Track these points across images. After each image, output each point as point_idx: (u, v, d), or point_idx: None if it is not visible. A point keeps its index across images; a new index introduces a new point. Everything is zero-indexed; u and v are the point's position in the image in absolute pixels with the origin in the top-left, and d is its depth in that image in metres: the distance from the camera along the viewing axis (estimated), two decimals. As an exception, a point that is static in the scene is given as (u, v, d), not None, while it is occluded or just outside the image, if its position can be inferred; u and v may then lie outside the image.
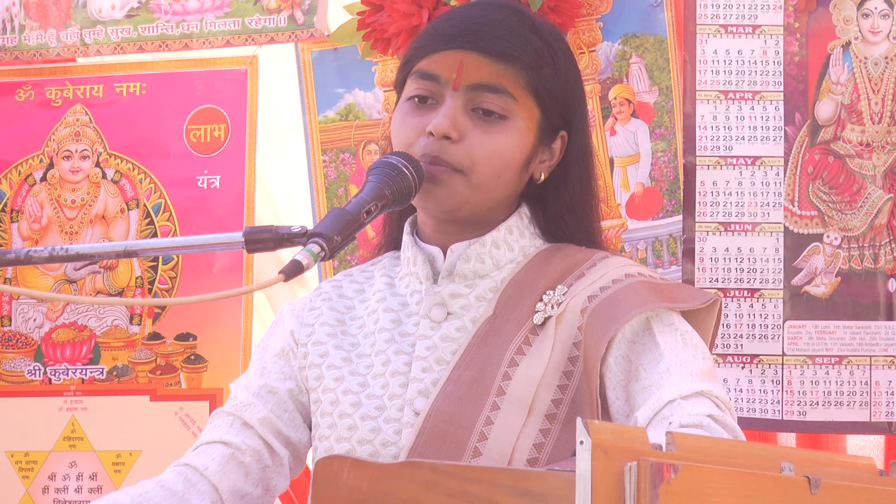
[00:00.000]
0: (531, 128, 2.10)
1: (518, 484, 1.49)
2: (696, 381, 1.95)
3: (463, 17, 2.12)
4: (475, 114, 2.08)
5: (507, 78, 2.07)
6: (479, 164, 2.06)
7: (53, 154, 3.73)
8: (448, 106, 2.07)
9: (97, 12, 3.70)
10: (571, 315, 2.04)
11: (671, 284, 2.11)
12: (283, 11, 3.56)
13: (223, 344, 3.59)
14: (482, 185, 2.08)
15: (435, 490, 1.55)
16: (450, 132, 2.06)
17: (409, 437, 2.04)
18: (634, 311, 2.00)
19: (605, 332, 2.00)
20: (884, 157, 3.15)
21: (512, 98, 2.07)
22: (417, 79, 2.10)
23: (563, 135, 2.15)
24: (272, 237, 1.93)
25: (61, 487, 3.64)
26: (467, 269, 2.11)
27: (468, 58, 2.07)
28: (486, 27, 2.09)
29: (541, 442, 2.01)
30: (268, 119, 3.70)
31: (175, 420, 3.59)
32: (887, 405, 3.11)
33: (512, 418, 2.01)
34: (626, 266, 2.10)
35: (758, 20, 3.19)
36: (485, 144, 2.07)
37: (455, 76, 2.07)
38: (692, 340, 2.02)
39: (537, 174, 2.14)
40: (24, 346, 3.71)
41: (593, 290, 2.05)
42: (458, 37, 2.08)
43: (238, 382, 2.24)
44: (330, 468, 1.65)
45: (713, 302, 2.08)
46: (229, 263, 3.60)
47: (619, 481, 1.43)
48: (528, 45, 2.08)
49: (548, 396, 2.03)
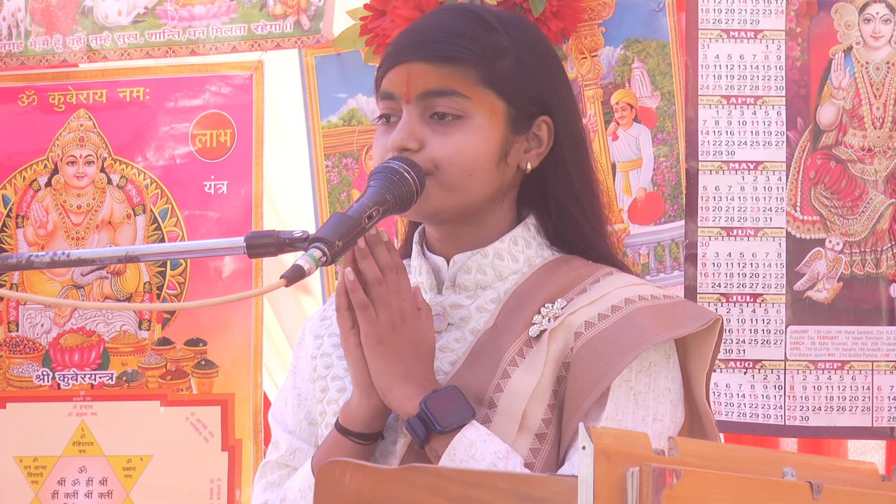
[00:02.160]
0: (496, 121, 2.10)
1: (519, 488, 1.50)
2: None
3: (412, 30, 2.15)
4: (433, 120, 2.09)
5: (454, 79, 2.08)
6: (443, 165, 2.07)
7: (58, 159, 3.73)
8: (403, 119, 2.09)
9: (103, 18, 3.70)
10: (566, 332, 2.04)
11: (673, 304, 2.11)
12: (289, 17, 3.56)
13: (233, 349, 3.59)
14: (454, 185, 2.08)
15: (436, 494, 1.55)
16: (406, 143, 2.07)
17: (403, 447, 2.05)
18: (627, 358, 2.00)
19: (594, 386, 2.00)
20: (885, 162, 3.15)
21: (463, 97, 2.08)
22: (381, 99, 2.13)
23: (546, 120, 2.14)
24: (274, 242, 1.94)
25: (71, 492, 3.64)
26: (468, 280, 2.12)
27: (414, 68, 2.09)
28: (430, 33, 2.11)
29: (530, 462, 2.01)
30: (271, 124, 3.71)
31: (186, 425, 3.60)
32: (889, 410, 3.11)
33: (502, 432, 2.01)
34: (629, 288, 2.09)
35: (759, 25, 3.19)
36: (444, 146, 2.07)
37: (405, 89, 2.09)
38: (644, 402, 2.04)
39: (524, 164, 2.14)
40: (31, 351, 3.71)
41: (591, 314, 2.05)
42: (403, 50, 2.11)
43: (278, 418, 2.23)
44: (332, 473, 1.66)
45: (714, 321, 2.09)
46: (239, 269, 3.60)
47: (621, 486, 1.44)
48: (474, 43, 2.09)
49: (539, 413, 2.02)
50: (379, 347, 2.01)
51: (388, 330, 2.01)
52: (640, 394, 2.03)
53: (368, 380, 2.03)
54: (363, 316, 2.01)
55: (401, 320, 2.01)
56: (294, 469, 2.18)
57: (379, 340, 2.01)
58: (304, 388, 2.21)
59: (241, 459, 3.55)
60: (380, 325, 2.01)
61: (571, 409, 2.01)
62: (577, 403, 2.01)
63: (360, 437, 2.05)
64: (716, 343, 2.10)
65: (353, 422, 2.05)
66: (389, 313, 2.01)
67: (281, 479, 2.19)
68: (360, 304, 2.00)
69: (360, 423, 2.05)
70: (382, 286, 2.00)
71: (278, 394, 2.28)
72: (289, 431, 2.20)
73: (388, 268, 2.01)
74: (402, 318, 2.01)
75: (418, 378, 2.01)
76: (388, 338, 2.01)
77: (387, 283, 2.00)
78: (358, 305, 2.01)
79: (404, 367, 2.01)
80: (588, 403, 2.00)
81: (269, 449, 2.23)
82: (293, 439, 2.19)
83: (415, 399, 2.00)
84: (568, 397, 2.02)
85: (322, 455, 2.08)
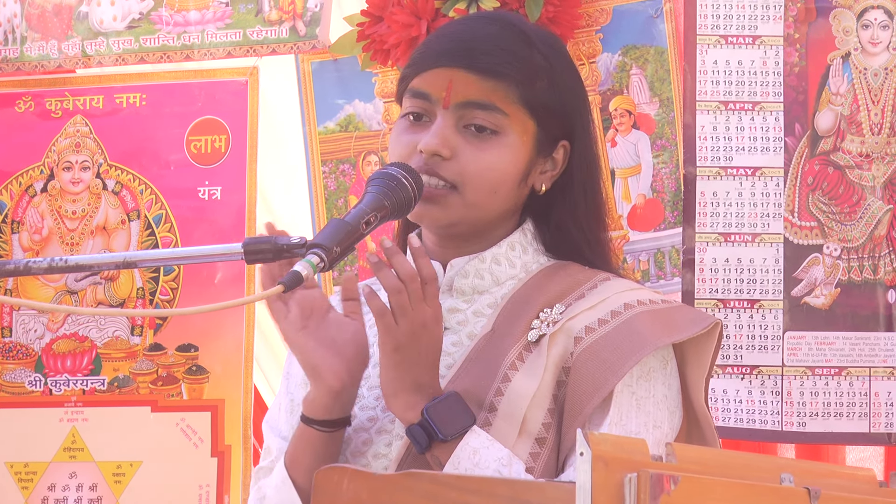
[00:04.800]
0: (526, 141, 2.10)
1: (517, 495, 1.50)
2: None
3: (454, 34, 2.12)
4: (467, 130, 2.08)
5: (497, 94, 2.07)
6: (471, 180, 2.07)
7: (54, 165, 3.73)
8: (438, 124, 2.08)
9: (99, 24, 3.70)
10: (566, 337, 2.04)
11: (672, 309, 2.11)
12: (285, 23, 3.56)
13: (225, 355, 3.59)
14: (478, 202, 2.08)
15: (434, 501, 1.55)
16: (440, 150, 2.06)
17: (399, 450, 2.04)
18: (629, 363, 2.00)
19: (595, 391, 2.00)
20: (883, 168, 3.15)
21: (502, 114, 2.08)
22: (411, 97, 2.11)
23: (564, 144, 2.14)
24: (271, 248, 1.93)
25: (61, 498, 3.64)
26: (465, 284, 2.11)
27: (457, 75, 2.08)
28: (476, 43, 2.09)
29: (530, 466, 2.01)
30: (268, 130, 3.70)
31: (176, 431, 3.59)
32: (887, 416, 3.11)
33: (503, 436, 2.00)
34: (627, 293, 2.09)
35: (758, 31, 3.19)
36: (477, 161, 2.07)
37: (445, 94, 2.08)
38: (645, 407, 2.03)
39: (538, 185, 2.14)
40: (24, 356, 3.71)
41: (591, 319, 2.05)
42: (447, 54, 2.09)
43: (271, 424, 2.23)
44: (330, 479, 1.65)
45: (713, 326, 2.08)
46: (231, 275, 3.60)
47: (619, 492, 1.43)
48: (518, 61, 2.08)
49: (539, 418, 2.02)
50: (394, 355, 2.00)
51: (407, 338, 1.99)
52: (642, 399, 2.03)
53: (315, 361, 2.02)
54: (381, 322, 1.99)
55: (422, 329, 2.00)
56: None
57: (395, 348, 2.00)
58: (298, 393, 2.20)
59: (231, 465, 3.55)
60: (398, 333, 1.99)
61: (572, 414, 2.01)
62: (578, 408, 2.00)
63: (324, 423, 2.05)
64: (715, 347, 2.09)
65: (314, 410, 2.05)
66: (410, 322, 1.99)
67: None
68: (378, 310, 1.99)
69: (320, 409, 2.04)
70: (402, 294, 1.99)
71: (274, 401, 2.27)
72: (282, 437, 2.20)
73: (410, 277, 1.99)
74: (423, 326, 2.00)
75: (424, 387, 2.00)
76: (406, 346, 2.00)
77: (409, 292, 1.99)
78: (376, 312, 1.99)
79: (414, 377, 2.00)
80: (590, 408, 2.00)
81: (262, 454, 2.23)
82: (285, 444, 2.19)
83: (416, 408, 1.99)
84: (568, 402, 2.02)
85: (290, 449, 2.08)
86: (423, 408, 1.98)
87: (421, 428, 1.98)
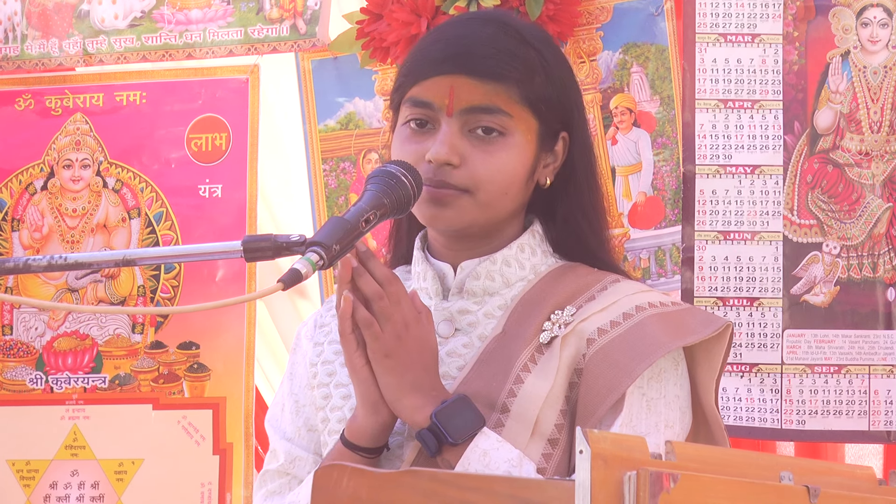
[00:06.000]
0: (530, 139, 2.10)
1: (517, 493, 1.50)
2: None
3: (450, 39, 2.11)
4: (473, 135, 2.08)
5: (500, 96, 2.07)
6: (483, 183, 2.07)
7: (54, 163, 3.73)
8: (444, 132, 2.07)
9: (100, 22, 3.70)
10: (578, 339, 2.05)
11: (683, 311, 2.11)
12: (286, 21, 3.56)
13: (226, 352, 3.59)
14: (490, 203, 2.08)
15: (434, 499, 1.55)
16: (450, 158, 2.06)
17: (411, 452, 2.05)
18: (641, 365, 2.01)
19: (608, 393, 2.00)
20: (883, 166, 3.15)
21: (507, 115, 2.07)
22: (411, 106, 2.10)
23: (564, 135, 2.15)
24: (271, 246, 1.93)
25: (63, 496, 3.64)
26: (477, 286, 2.12)
27: (458, 82, 2.07)
28: (474, 47, 2.08)
29: (542, 467, 2.01)
30: (268, 128, 3.71)
31: (178, 428, 3.59)
32: (886, 414, 3.11)
33: (515, 437, 2.01)
34: (637, 295, 2.09)
35: (757, 29, 3.19)
36: (487, 164, 2.07)
37: (448, 102, 2.07)
38: (656, 408, 2.04)
39: (542, 179, 2.14)
40: (25, 354, 3.71)
41: (603, 321, 2.05)
42: (446, 61, 2.08)
43: (275, 425, 2.23)
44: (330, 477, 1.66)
45: (724, 328, 2.09)
46: (232, 273, 3.60)
47: (618, 491, 1.43)
48: (517, 60, 2.08)
49: (552, 419, 2.03)
50: (386, 361, 2.00)
51: (393, 342, 2.00)
52: (653, 400, 2.04)
53: (376, 397, 2.02)
54: (368, 332, 1.99)
55: (405, 330, 2.00)
56: (294, 477, 2.17)
57: (386, 354, 2.00)
58: (302, 394, 2.20)
59: (233, 463, 3.55)
60: (385, 339, 1.99)
61: (584, 416, 2.01)
62: (590, 410, 2.01)
63: (367, 451, 2.05)
64: (725, 349, 2.10)
65: (361, 437, 2.05)
66: (393, 325, 1.99)
67: (281, 488, 2.18)
68: (365, 321, 1.99)
69: (368, 438, 2.04)
70: (384, 300, 1.99)
71: (274, 399, 2.27)
72: (287, 439, 2.20)
73: (387, 280, 2.00)
74: (405, 327, 2.00)
75: (426, 387, 2.01)
76: (395, 350, 2.00)
77: (387, 295, 1.99)
78: (362, 323, 1.99)
79: (412, 379, 2.00)
80: (602, 410, 2.00)
81: (268, 457, 2.22)
82: (292, 447, 2.19)
83: (424, 410, 2.00)
84: (580, 403, 2.02)
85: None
86: (431, 412, 1.99)
87: (431, 433, 1.99)
